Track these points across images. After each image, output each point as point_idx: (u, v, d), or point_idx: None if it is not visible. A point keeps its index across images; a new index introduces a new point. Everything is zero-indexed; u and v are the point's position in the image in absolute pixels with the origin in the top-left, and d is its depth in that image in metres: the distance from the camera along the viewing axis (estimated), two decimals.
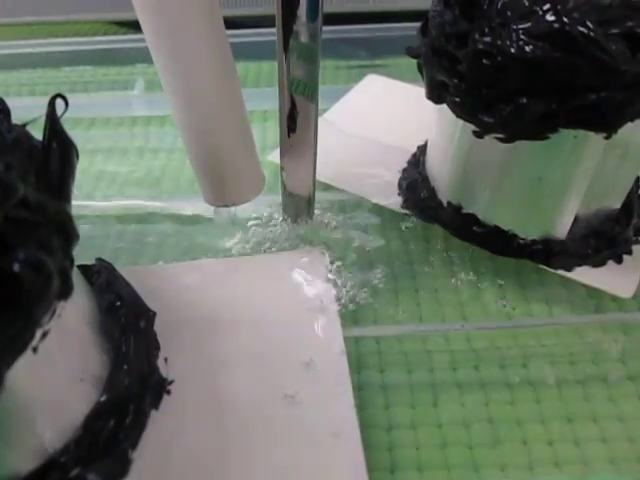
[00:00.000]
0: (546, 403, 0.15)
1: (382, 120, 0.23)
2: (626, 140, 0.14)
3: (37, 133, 0.12)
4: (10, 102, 0.13)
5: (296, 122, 0.17)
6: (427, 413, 0.14)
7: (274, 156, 0.21)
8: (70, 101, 0.27)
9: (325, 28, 0.16)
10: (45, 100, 0.28)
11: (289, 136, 0.18)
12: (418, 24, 0.17)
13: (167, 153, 0.24)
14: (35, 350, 0.10)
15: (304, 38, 0.16)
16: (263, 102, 0.24)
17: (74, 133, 0.11)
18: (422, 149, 0.20)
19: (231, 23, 0.16)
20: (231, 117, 0.16)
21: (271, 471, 0.12)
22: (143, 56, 0.28)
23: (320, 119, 0.17)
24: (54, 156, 0.10)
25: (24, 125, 0.10)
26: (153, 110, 0.26)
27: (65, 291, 0.10)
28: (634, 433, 0.14)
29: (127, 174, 0.22)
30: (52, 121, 0.10)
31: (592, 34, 0.11)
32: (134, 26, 0.31)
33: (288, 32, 0.16)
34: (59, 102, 0.12)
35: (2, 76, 0.29)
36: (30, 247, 0.09)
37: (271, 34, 0.28)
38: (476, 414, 0.14)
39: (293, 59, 0.17)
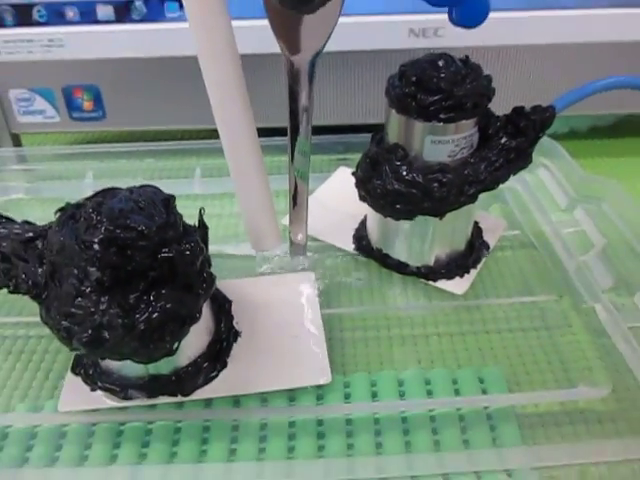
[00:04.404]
0: (422, 345, 0.30)
1: (348, 198, 0.36)
2: (453, 217, 0.30)
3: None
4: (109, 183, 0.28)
5: (296, 199, 0.33)
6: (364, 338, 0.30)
7: (285, 220, 0.36)
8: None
9: (314, 136, 0.28)
10: (131, 182, 0.43)
11: (293, 208, 0.33)
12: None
13: (221, 218, 0.39)
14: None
15: (303, 137, 0.27)
16: (273, 184, 0.40)
17: None
18: (366, 217, 0.35)
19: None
20: (265, 199, 0.32)
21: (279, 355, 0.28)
22: (199, 152, 0.44)
23: (310, 197, 0.32)
24: (202, 233, 0.26)
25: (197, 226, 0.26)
26: (209, 190, 0.41)
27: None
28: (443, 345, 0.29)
29: None
30: (202, 221, 0.26)
31: (421, 180, 0.27)
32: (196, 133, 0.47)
33: (294, 138, 0.28)
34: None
35: (105, 164, 0.45)
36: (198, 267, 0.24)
37: (280, 140, 0.43)
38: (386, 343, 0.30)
39: (296, 155, 0.29)
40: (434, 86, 0.26)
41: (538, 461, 0.24)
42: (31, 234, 0.26)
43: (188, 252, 0.23)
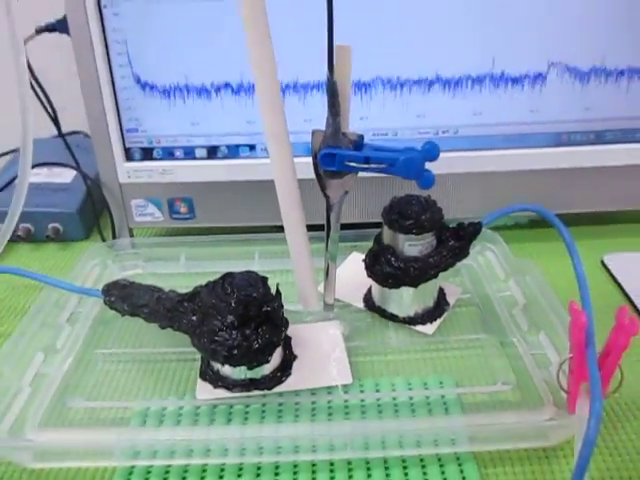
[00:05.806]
0: (406, 364, 0.49)
1: (359, 273, 0.54)
2: (425, 286, 0.50)
3: None
4: (197, 263, 0.49)
5: (328, 273, 0.53)
6: (371, 360, 0.49)
7: (320, 288, 0.56)
8: (221, 265, 0.62)
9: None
10: (212, 262, 0.63)
11: (326, 279, 0.53)
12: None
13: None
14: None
15: (334, 234, 0.50)
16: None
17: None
18: (371, 286, 0.55)
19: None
20: (311, 275, 0.52)
21: (312, 351, 0.47)
22: (257, 242, 0.65)
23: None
24: (279, 297, 0.46)
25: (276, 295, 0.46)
26: (265, 268, 0.61)
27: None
28: (419, 363, 0.49)
29: None
30: (278, 290, 0.46)
31: (403, 267, 0.47)
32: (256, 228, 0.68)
33: (328, 234, 0.49)
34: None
35: (194, 250, 0.65)
36: (281, 316, 0.44)
37: (319, 233, 0.63)
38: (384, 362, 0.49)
39: (330, 243, 0.52)
40: (409, 215, 0.47)
41: (470, 422, 0.43)
42: (179, 297, 0.46)
43: (277, 308, 0.43)
